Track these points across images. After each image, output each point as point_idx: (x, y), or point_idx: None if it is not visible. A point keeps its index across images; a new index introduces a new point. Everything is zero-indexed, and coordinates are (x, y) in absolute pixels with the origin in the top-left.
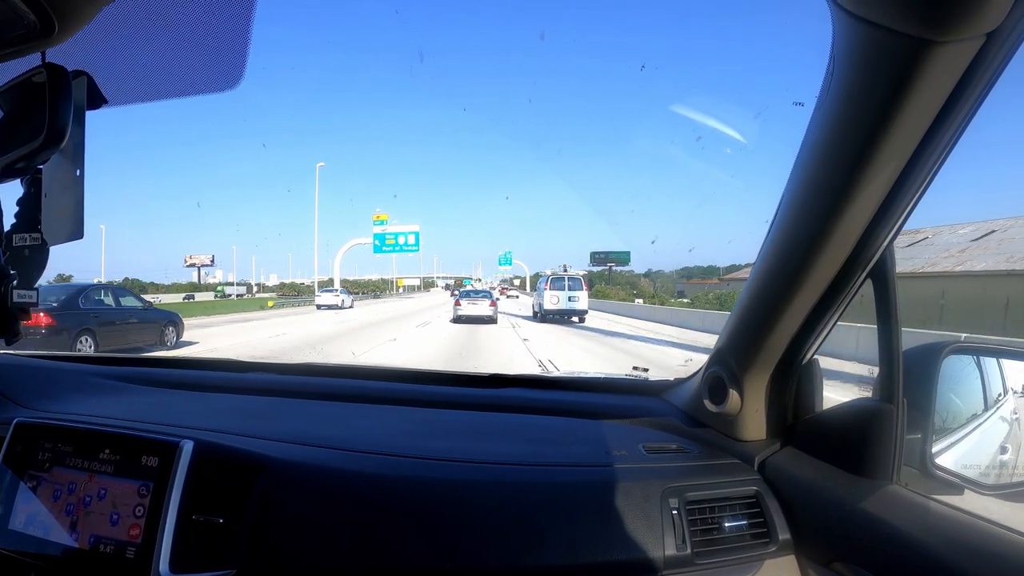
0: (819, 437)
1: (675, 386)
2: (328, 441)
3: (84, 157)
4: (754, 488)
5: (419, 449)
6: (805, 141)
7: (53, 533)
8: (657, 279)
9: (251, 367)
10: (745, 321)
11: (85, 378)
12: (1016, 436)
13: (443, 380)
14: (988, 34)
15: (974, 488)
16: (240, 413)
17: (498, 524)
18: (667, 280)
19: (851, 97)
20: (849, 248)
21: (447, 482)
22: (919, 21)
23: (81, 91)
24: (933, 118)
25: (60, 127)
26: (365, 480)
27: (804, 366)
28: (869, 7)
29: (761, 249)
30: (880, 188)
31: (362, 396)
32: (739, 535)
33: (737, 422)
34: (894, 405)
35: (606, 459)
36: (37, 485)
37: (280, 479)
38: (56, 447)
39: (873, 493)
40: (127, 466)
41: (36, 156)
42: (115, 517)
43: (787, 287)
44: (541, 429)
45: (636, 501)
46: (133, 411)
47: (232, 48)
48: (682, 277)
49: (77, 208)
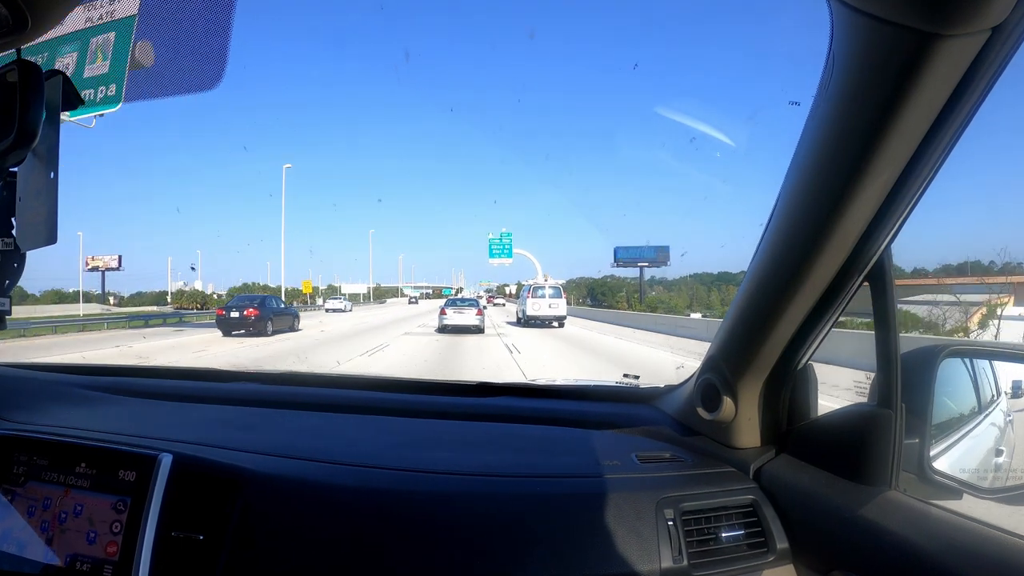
0: (815, 444)
1: (666, 393)
2: (312, 453)
3: (59, 160)
4: (751, 497)
5: (405, 461)
6: (802, 142)
7: (28, 550)
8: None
9: (232, 377)
10: (739, 327)
11: (61, 388)
12: (1010, 438)
13: (430, 389)
14: (993, 28)
15: (971, 492)
16: (220, 424)
17: (488, 538)
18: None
19: (851, 95)
20: (847, 251)
21: (434, 495)
22: (923, 14)
23: (56, 91)
24: (936, 115)
25: (31, 126)
26: (350, 494)
27: (799, 372)
28: (871, 0)
29: (755, 253)
30: (880, 188)
31: (346, 406)
32: (736, 545)
33: (731, 429)
34: (892, 410)
35: (599, 469)
36: (11, 500)
37: (262, 493)
38: (31, 460)
39: (871, 500)
40: (104, 480)
41: (7, 157)
42: (92, 535)
43: (783, 291)
44: (530, 439)
45: (630, 512)
46: (110, 423)
47: (212, 48)
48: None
49: (51, 213)
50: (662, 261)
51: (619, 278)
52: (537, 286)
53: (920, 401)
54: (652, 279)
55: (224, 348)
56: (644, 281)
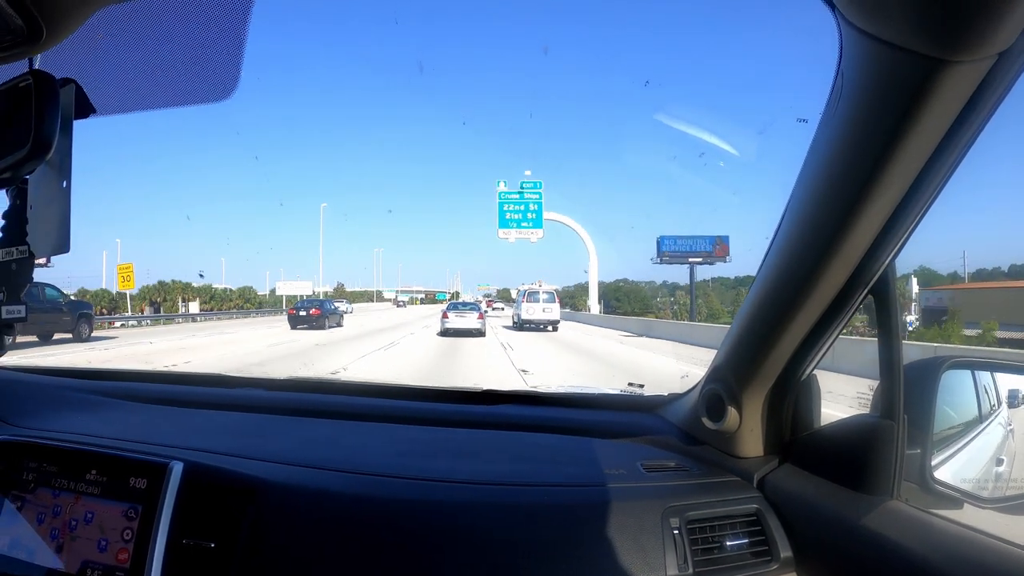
0: (819, 453)
1: (671, 402)
2: (321, 462)
3: (71, 168)
4: (755, 506)
5: (413, 469)
6: (809, 158)
7: (38, 556)
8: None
9: (238, 382)
10: (745, 338)
11: (69, 393)
12: (1010, 448)
13: (436, 396)
14: (1000, 53)
15: (973, 502)
16: (229, 432)
17: (497, 547)
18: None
19: (859, 115)
20: (853, 265)
21: (443, 504)
22: (931, 40)
23: (69, 99)
24: (942, 136)
25: (47, 137)
26: (358, 502)
27: (803, 382)
28: (881, 25)
29: (761, 266)
30: (886, 205)
31: (352, 413)
32: (740, 554)
33: (735, 439)
34: (895, 421)
35: (604, 478)
36: (21, 506)
37: (272, 501)
38: (41, 467)
39: (874, 509)
40: (114, 488)
41: (22, 167)
42: (103, 543)
43: (789, 304)
44: (537, 447)
45: (637, 520)
46: (119, 429)
47: (226, 58)
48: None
49: (64, 220)
50: (720, 255)
51: (632, 282)
52: (532, 291)
53: (922, 412)
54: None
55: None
56: (694, 283)
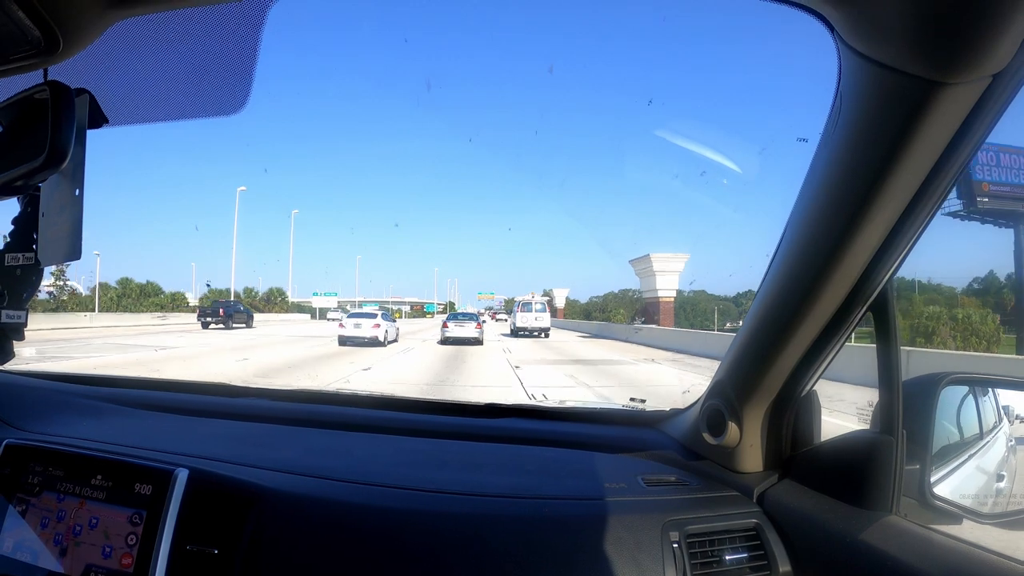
0: (818, 469)
1: (672, 417)
2: (324, 471)
3: (84, 176)
4: (754, 521)
5: (416, 480)
6: (809, 176)
7: (42, 560)
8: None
9: (243, 392)
10: (746, 354)
11: (75, 399)
12: (1011, 464)
13: (438, 409)
14: (994, 75)
15: (972, 517)
16: (234, 440)
17: (497, 559)
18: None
19: (858, 134)
20: (852, 282)
21: (444, 515)
22: (928, 63)
23: (83, 109)
24: (938, 156)
25: (62, 146)
26: (361, 512)
27: (802, 398)
28: (879, 48)
29: (762, 283)
30: (884, 223)
31: (355, 425)
32: (739, 568)
33: (735, 454)
34: (894, 436)
35: (605, 492)
36: (26, 510)
37: (276, 510)
38: (47, 471)
39: (873, 524)
40: (119, 493)
41: (36, 175)
42: (107, 549)
43: (789, 321)
44: (538, 461)
45: (636, 534)
46: (124, 435)
47: (238, 73)
48: None
49: (75, 228)
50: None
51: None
52: (526, 302)
53: (921, 428)
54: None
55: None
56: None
